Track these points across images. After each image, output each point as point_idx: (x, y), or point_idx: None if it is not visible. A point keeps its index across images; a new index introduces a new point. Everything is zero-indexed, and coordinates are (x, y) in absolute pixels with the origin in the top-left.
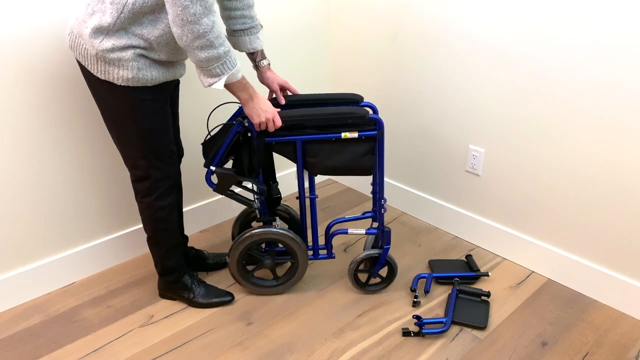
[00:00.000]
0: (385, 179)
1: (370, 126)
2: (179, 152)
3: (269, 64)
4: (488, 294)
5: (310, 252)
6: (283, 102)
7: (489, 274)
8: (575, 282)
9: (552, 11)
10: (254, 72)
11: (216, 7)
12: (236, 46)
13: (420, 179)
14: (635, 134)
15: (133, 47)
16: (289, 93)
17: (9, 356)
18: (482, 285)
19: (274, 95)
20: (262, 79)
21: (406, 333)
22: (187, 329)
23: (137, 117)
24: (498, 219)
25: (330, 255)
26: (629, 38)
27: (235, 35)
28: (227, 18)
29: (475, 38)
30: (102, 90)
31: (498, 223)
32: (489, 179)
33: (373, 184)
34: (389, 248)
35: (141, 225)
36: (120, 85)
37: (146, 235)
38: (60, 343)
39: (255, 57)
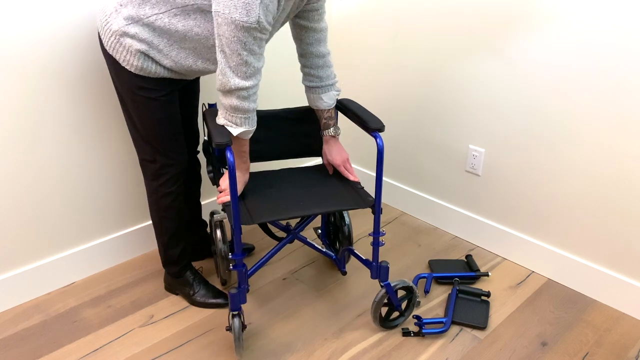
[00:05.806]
0: (385, 179)
1: None
2: (195, 141)
3: (333, 135)
4: (488, 294)
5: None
6: (352, 178)
7: (489, 274)
8: (575, 282)
9: (551, 11)
10: None
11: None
12: (307, 99)
13: (420, 179)
14: (636, 134)
15: (148, 43)
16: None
17: (9, 356)
18: (482, 285)
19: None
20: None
21: (406, 333)
22: (187, 329)
23: (138, 104)
24: (498, 219)
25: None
26: (629, 37)
27: (306, 88)
28: (301, 70)
29: (475, 37)
30: (111, 68)
31: (498, 223)
32: (489, 179)
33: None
34: (389, 284)
35: (141, 225)
36: (124, 67)
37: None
38: (60, 343)
39: (320, 118)
